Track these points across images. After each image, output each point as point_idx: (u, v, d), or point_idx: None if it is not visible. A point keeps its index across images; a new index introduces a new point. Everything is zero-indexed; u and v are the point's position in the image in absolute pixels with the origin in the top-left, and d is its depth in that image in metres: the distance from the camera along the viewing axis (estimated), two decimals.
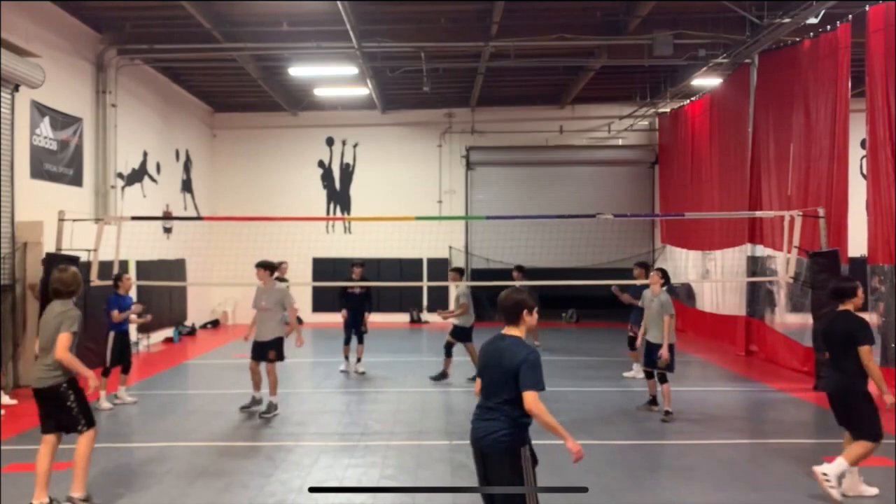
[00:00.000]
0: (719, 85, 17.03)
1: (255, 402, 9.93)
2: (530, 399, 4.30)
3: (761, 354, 14.43)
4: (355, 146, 22.38)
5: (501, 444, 4.39)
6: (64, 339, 5.97)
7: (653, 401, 9.96)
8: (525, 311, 4.55)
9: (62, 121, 13.47)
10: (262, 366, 9.77)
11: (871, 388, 6.30)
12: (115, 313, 10.16)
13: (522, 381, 4.32)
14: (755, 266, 14.84)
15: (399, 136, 22.21)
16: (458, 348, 12.15)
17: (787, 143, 13.57)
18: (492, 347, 4.58)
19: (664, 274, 9.86)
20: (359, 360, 13.03)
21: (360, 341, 13.06)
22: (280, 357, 9.81)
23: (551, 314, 21.67)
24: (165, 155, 18.63)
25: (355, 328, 12.99)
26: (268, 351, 9.70)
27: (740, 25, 13.66)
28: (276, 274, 10.49)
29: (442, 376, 12.05)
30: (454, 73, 17.82)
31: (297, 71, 16.72)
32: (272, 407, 9.64)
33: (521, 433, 4.41)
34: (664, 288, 9.70)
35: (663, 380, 9.51)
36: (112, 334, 10.27)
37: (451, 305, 11.77)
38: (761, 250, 14.65)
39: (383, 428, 9.17)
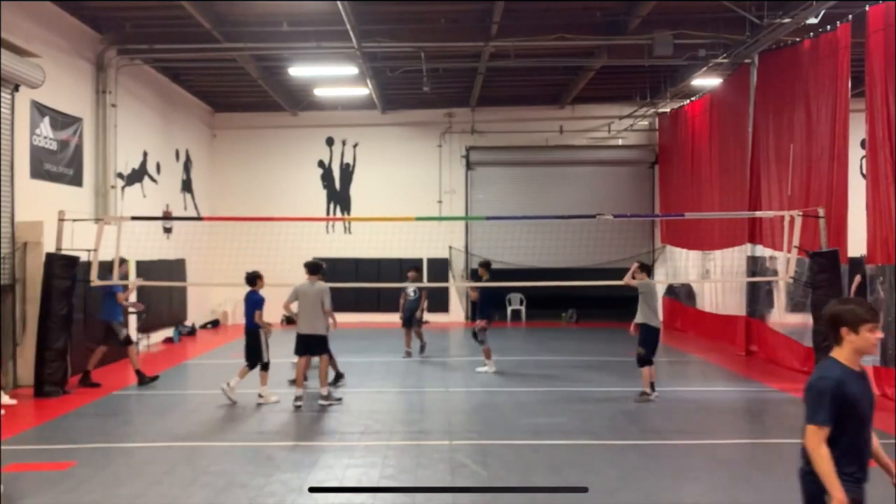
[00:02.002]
0: (719, 85, 17.02)
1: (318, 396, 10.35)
2: (806, 434, 3.57)
3: (761, 354, 14.43)
4: (355, 146, 22.38)
5: (802, 482, 3.73)
6: None
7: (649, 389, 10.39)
8: (844, 329, 3.59)
9: (62, 121, 13.47)
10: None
11: None
12: (258, 313, 10.46)
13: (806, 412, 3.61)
14: (755, 266, 14.84)
15: (399, 136, 22.20)
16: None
17: (787, 143, 13.57)
18: None
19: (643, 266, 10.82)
20: None
21: None
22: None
23: (551, 314, 21.73)
24: (165, 155, 18.62)
25: None
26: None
27: (740, 25, 13.66)
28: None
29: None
30: (454, 73, 17.82)
31: (297, 71, 16.72)
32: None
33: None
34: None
35: (644, 363, 10.28)
36: (256, 332, 10.60)
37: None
38: (761, 250, 14.65)
39: (383, 428, 9.18)
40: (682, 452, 7.98)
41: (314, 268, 10.47)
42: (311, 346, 10.31)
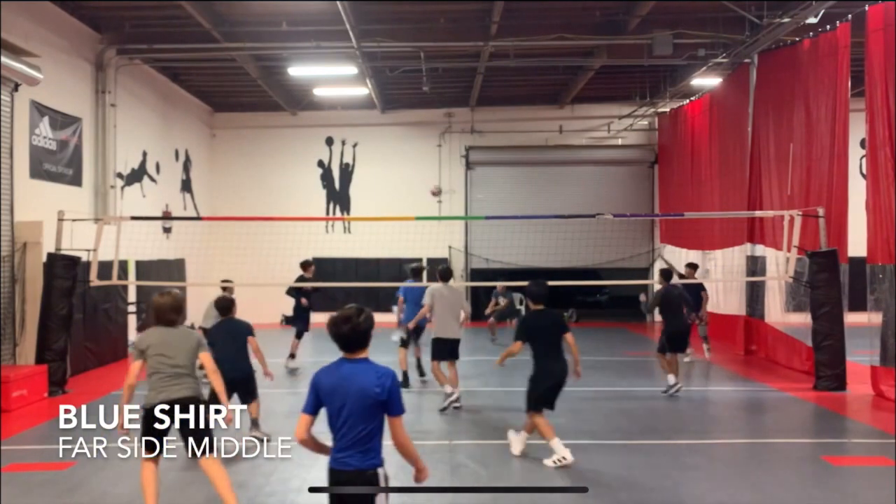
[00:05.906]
0: (719, 85, 17.02)
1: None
2: None
3: (761, 354, 14.43)
4: (355, 146, 22.37)
5: None
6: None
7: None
8: None
9: (61, 121, 13.46)
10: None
11: None
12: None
13: None
14: (755, 266, 14.84)
15: (399, 135, 22.20)
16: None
17: (787, 143, 13.57)
18: None
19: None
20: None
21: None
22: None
23: None
24: (165, 155, 18.61)
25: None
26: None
27: (740, 25, 13.66)
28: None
29: None
30: (454, 72, 17.82)
31: (297, 71, 16.71)
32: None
33: None
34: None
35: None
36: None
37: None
38: (761, 250, 14.65)
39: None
40: (682, 452, 7.98)
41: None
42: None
